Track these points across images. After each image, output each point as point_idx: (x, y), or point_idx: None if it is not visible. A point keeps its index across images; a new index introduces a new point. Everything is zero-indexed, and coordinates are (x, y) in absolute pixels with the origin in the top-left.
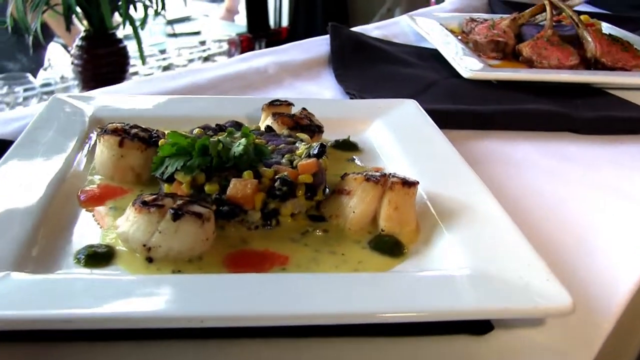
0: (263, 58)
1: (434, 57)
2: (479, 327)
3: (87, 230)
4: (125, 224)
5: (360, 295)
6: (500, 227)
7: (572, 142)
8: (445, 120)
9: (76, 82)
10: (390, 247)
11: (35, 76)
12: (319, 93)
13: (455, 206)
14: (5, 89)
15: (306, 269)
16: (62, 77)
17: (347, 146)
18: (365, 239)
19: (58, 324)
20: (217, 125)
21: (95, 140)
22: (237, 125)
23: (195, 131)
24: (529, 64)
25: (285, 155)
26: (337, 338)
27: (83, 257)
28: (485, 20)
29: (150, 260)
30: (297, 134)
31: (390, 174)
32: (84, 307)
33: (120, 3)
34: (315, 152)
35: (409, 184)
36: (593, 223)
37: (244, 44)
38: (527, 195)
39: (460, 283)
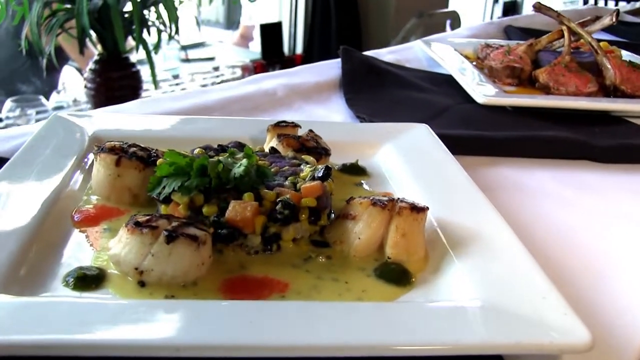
0: (273, 80)
1: (448, 82)
2: None
3: (79, 251)
4: (117, 245)
5: (362, 325)
6: (514, 257)
7: (590, 170)
8: (457, 145)
9: (89, 105)
10: (396, 275)
11: (48, 99)
12: (329, 117)
13: (466, 234)
14: (17, 111)
15: (307, 297)
16: (74, 100)
17: (355, 170)
18: (370, 267)
19: (36, 350)
20: (219, 145)
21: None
22: (240, 146)
23: (196, 151)
24: (546, 90)
25: (289, 178)
26: None
27: (72, 279)
28: (501, 46)
29: (142, 284)
30: (302, 156)
31: (398, 198)
32: (65, 332)
33: (134, 27)
34: (320, 174)
35: (418, 210)
36: (611, 254)
37: (258, 70)
38: (541, 224)
39: (469, 315)
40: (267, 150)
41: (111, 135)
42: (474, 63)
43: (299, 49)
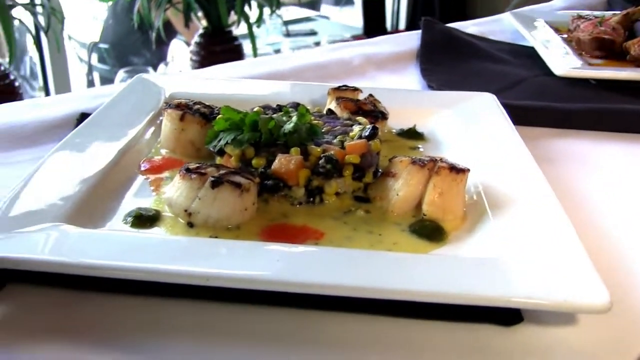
0: (351, 49)
1: (529, 54)
2: (507, 317)
3: (141, 194)
4: (171, 189)
5: (381, 273)
6: (552, 222)
7: None
8: (524, 116)
9: None
10: (429, 231)
11: (156, 70)
12: (401, 87)
13: (509, 198)
14: (128, 81)
15: (338, 245)
16: (180, 72)
17: (412, 135)
18: (406, 222)
19: (81, 270)
20: (277, 105)
21: None
22: (298, 107)
23: (255, 109)
24: (637, 63)
25: (338, 137)
26: (358, 314)
27: (130, 218)
28: (595, 17)
29: (190, 225)
30: (356, 118)
31: (440, 158)
32: (114, 259)
33: (236, 1)
34: (367, 133)
35: (458, 170)
36: None
37: None
38: (600, 197)
39: (491, 268)
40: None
41: (185, 95)
42: (564, 36)
43: (402, 24)
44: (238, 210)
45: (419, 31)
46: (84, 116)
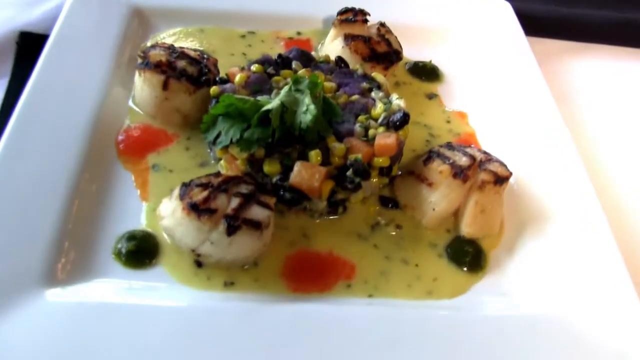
0: None
1: None
2: None
3: (127, 201)
4: (171, 219)
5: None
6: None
7: None
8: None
9: None
10: (469, 260)
11: None
12: None
13: (547, 201)
14: None
15: (374, 288)
16: None
17: (427, 73)
18: (442, 242)
19: None
20: (278, 56)
21: (137, 64)
22: (302, 56)
23: (254, 68)
24: None
25: (359, 118)
26: None
27: (125, 252)
28: None
29: (199, 264)
30: (372, 75)
31: (480, 161)
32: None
33: None
34: (397, 121)
35: (501, 181)
36: None
37: None
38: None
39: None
40: (332, 56)
41: (154, 5)
42: None
43: None
44: (257, 249)
45: None
46: (24, 37)
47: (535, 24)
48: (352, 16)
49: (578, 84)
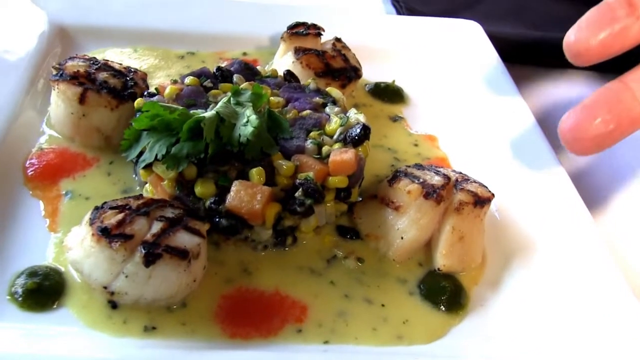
0: None
1: None
2: None
3: (31, 233)
4: (78, 249)
5: None
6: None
7: None
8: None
9: None
10: (447, 298)
11: None
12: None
13: (535, 229)
14: None
15: (331, 332)
16: None
17: (390, 95)
18: (413, 277)
19: None
20: (217, 69)
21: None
22: (246, 70)
23: (188, 81)
24: None
25: (311, 133)
26: None
27: (22, 291)
28: None
29: (113, 305)
30: (327, 89)
31: (456, 180)
32: None
33: None
34: (355, 136)
35: (482, 202)
36: None
37: None
38: None
39: None
40: (280, 71)
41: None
42: None
43: None
44: (184, 285)
45: None
46: None
47: (507, 48)
48: (304, 29)
49: (553, 110)
